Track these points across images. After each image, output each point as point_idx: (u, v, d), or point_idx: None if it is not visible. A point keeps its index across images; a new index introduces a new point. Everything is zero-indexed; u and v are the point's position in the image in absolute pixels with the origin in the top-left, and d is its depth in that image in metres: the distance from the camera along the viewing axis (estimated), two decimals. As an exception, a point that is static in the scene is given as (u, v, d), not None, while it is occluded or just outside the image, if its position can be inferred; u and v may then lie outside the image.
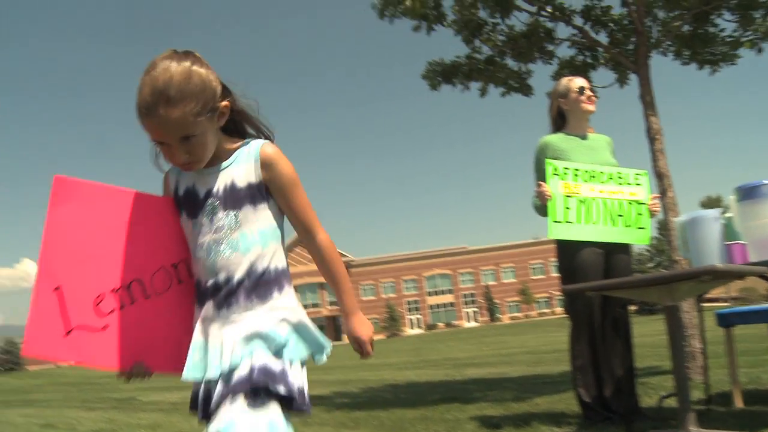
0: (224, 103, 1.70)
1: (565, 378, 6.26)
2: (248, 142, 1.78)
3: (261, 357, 1.62)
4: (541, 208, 3.69)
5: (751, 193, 2.93)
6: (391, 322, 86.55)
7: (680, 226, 3.12)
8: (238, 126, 1.81)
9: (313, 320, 1.75)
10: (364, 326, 1.81)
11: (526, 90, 6.47)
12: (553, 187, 3.63)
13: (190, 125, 1.60)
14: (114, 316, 1.72)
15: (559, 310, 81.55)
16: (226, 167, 1.74)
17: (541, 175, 3.72)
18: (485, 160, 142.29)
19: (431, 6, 6.08)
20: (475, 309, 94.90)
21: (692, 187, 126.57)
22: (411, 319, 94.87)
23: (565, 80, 4.01)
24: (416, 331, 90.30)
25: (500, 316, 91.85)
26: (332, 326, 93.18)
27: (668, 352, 2.59)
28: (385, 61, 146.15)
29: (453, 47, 6.56)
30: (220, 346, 1.64)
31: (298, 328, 1.74)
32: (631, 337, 3.81)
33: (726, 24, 6.21)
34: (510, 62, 6.42)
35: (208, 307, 1.69)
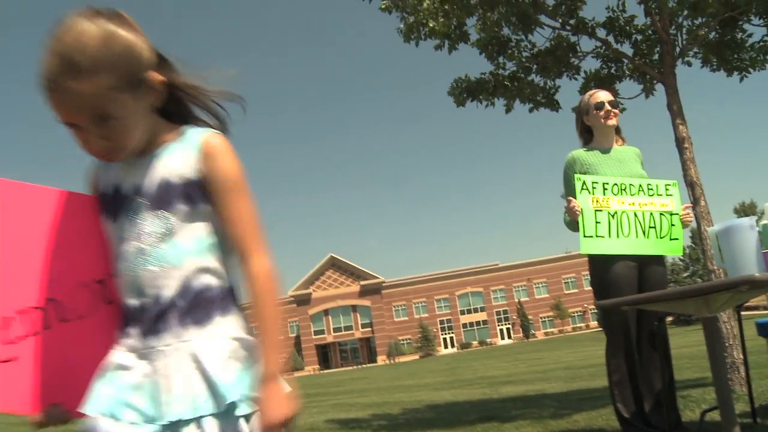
0: (157, 77, 1.35)
1: (603, 393, 6.18)
2: (190, 129, 1.44)
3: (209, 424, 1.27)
4: (572, 224, 3.67)
5: (786, 200, 2.89)
6: (425, 342, 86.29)
7: (714, 235, 3.08)
8: (182, 108, 1.46)
9: (346, 343, 1.47)
10: (277, 402, 1.29)
11: (553, 105, 6.46)
12: (582, 202, 3.61)
13: (106, 103, 1.26)
14: (24, 345, 1.35)
15: (593, 323, 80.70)
16: (159, 158, 1.39)
17: (570, 190, 3.71)
18: (514, 175, 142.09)
19: (454, 26, 6.12)
20: (509, 326, 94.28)
21: (725, 195, 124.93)
22: (445, 339, 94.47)
23: (586, 96, 4.01)
24: (450, 350, 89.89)
25: (534, 332, 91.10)
26: (366, 348, 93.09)
27: (708, 364, 2.55)
28: (409, 82, 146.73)
29: (475, 65, 6.60)
30: (149, 386, 1.30)
31: (247, 366, 1.34)
32: (669, 350, 3.76)
33: (754, 29, 6.16)
34: (536, 78, 6.43)
35: (132, 333, 1.35)
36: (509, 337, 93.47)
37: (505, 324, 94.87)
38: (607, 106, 3.90)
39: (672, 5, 5.79)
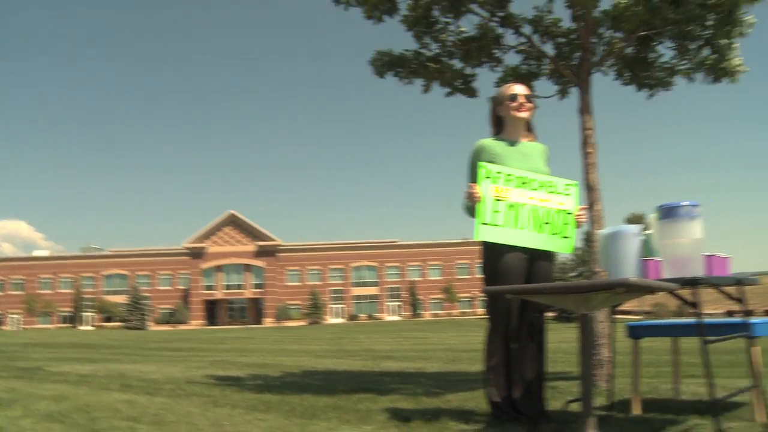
0: None
1: (479, 377, 6.39)
2: None
3: None
4: (471, 210, 3.77)
5: (670, 213, 3.07)
6: (314, 309, 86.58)
7: (602, 238, 3.24)
8: None
9: (235, 302, 1.50)
10: None
11: (470, 92, 6.55)
12: (483, 189, 3.71)
13: None
14: None
15: (480, 310, 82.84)
16: None
17: (474, 176, 3.80)
18: (424, 156, 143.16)
19: (386, -2, 6.11)
20: (399, 303, 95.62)
21: (621, 203, 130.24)
22: (334, 308, 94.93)
23: (503, 87, 4.10)
24: (338, 320, 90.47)
25: (422, 312, 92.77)
26: (254, 309, 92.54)
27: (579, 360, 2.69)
28: (328, 48, 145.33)
29: (401, 40, 6.60)
30: None
31: None
32: (544, 342, 3.93)
33: (665, 51, 6.43)
34: (457, 63, 6.50)
35: None
36: (398, 314, 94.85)
37: (396, 301, 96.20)
38: (521, 99, 4.00)
39: (596, 15, 5.97)
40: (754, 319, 3.77)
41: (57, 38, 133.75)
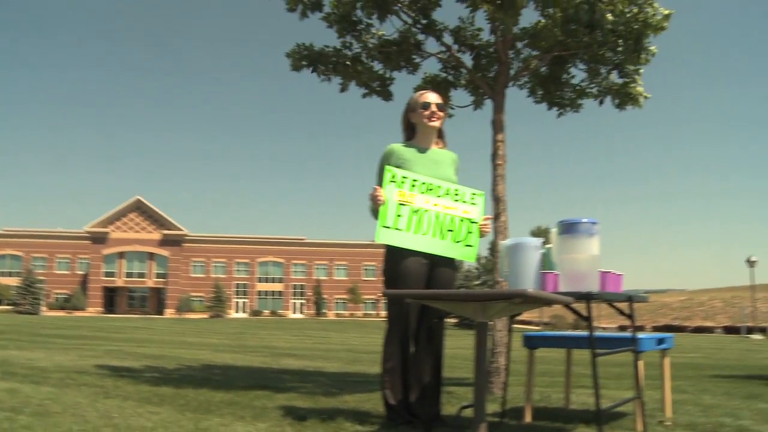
0: None
1: (377, 379, 6.43)
2: None
3: None
4: (374, 212, 3.79)
5: (569, 229, 3.17)
6: (217, 302, 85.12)
7: (504, 249, 3.32)
8: None
9: (136, 290, 1.49)
10: None
11: (386, 95, 6.58)
12: (388, 193, 3.75)
13: None
14: None
15: (384, 313, 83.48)
16: None
17: (381, 180, 3.83)
18: (336, 155, 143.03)
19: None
20: (303, 301, 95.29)
21: (527, 216, 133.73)
22: (237, 303, 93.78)
23: (416, 94, 4.14)
24: (241, 315, 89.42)
25: (327, 311, 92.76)
26: (156, 299, 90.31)
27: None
28: (249, 37, 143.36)
29: (321, 36, 6.56)
30: None
31: None
32: (442, 348, 3.98)
33: (578, 72, 6.65)
34: (376, 65, 6.52)
35: None
36: (302, 312, 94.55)
37: (300, 299, 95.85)
38: (433, 108, 4.05)
39: (515, 32, 6.11)
40: (640, 335, 3.94)
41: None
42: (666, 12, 5.81)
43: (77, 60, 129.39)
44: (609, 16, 5.74)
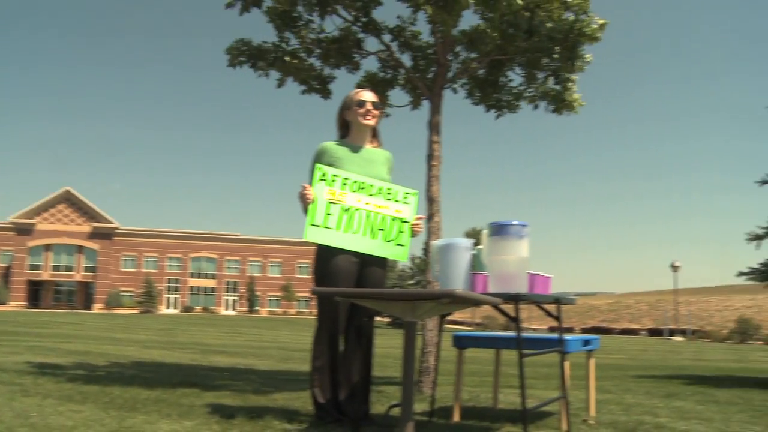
0: None
1: (307, 377, 6.41)
2: None
3: None
4: (305, 210, 3.78)
5: (500, 230, 3.21)
6: (148, 298, 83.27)
7: (435, 249, 3.35)
8: None
9: (63, 284, 1.40)
10: None
11: (325, 93, 6.56)
12: (317, 191, 3.73)
13: None
14: None
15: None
16: None
17: (313, 177, 3.82)
18: (271, 151, 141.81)
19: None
20: (236, 298, 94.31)
21: (462, 217, 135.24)
22: (169, 298, 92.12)
23: (352, 92, 4.13)
24: (172, 310, 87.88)
25: (259, 308, 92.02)
26: (83, 293, 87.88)
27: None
28: (188, 30, 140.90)
29: (258, 31, 6.48)
30: None
31: None
32: (372, 347, 3.99)
33: (515, 77, 6.75)
34: (315, 62, 6.48)
35: None
36: (234, 308, 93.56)
37: (233, 295, 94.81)
38: (368, 106, 4.05)
39: (455, 34, 6.16)
40: (567, 336, 4.02)
41: None
42: (601, 22, 5.95)
43: (5, 49, 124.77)
44: (548, 24, 5.84)
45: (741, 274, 10.46)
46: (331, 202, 3.77)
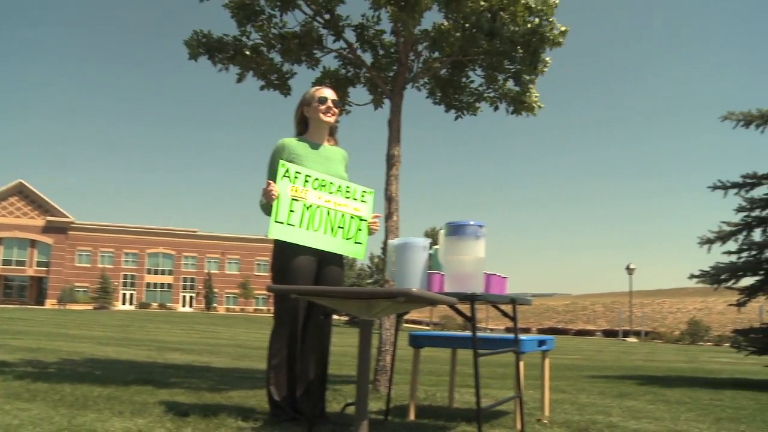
0: None
1: (264, 375, 6.37)
2: None
3: None
4: (266, 207, 3.75)
5: (456, 230, 3.23)
6: (103, 294, 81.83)
7: (392, 248, 3.35)
8: None
9: (14, 279, 1.35)
10: None
11: (285, 89, 6.51)
12: (281, 188, 3.71)
13: None
14: None
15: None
16: None
17: (273, 174, 3.79)
18: (231, 147, 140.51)
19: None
20: (193, 294, 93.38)
21: (421, 217, 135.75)
22: (125, 294, 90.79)
23: (312, 89, 4.12)
24: (128, 307, 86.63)
25: (217, 305, 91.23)
26: (36, 288, 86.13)
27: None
28: (145, 23, 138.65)
29: (219, 25, 6.41)
30: None
31: None
32: (328, 345, 3.98)
33: (476, 78, 6.79)
34: (276, 57, 6.44)
35: None
36: (191, 305, 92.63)
37: (190, 292, 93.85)
38: (329, 103, 4.04)
39: (417, 33, 6.18)
40: (523, 336, 4.06)
41: None
42: (563, 29, 6.01)
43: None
44: (511, 27, 5.88)
45: (692, 276, 10.68)
46: (294, 199, 3.75)
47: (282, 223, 3.69)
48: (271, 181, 3.72)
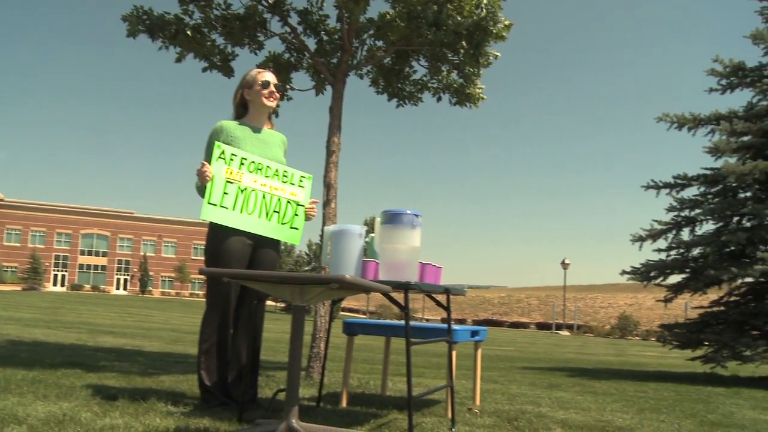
0: None
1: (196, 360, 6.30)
2: None
3: None
4: (201, 189, 3.70)
5: (392, 219, 3.24)
6: (33, 274, 79.59)
7: (328, 234, 3.35)
8: None
9: None
10: None
11: (227, 71, 6.40)
12: (215, 169, 3.67)
13: None
14: None
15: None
16: None
17: (209, 156, 3.74)
18: (169, 128, 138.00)
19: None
20: (128, 277, 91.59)
21: (361, 205, 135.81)
22: (56, 275, 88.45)
23: (253, 72, 4.06)
24: (59, 288, 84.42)
25: (152, 289, 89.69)
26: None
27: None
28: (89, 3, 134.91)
29: (161, 3, 6.25)
30: None
31: None
32: (261, 331, 3.95)
33: (419, 68, 6.81)
34: (218, 38, 6.32)
35: None
36: (125, 288, 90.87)
37: (125, 274, 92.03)
38: (272, 87, 4.00)
39: (362, 21, 6.15)
40: (455, 326, 4.10)
41: None
42: (507, 23, 6.06)
43: None
44: (458, 17, 5.91)
45: (624, 273, 10.97)
46: (228, 182, 3.70)
47: (215, 205, 3.65)
48: (205, 162, 3.67)
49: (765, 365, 9.10)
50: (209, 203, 3.64)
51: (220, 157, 3.70)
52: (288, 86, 6.66)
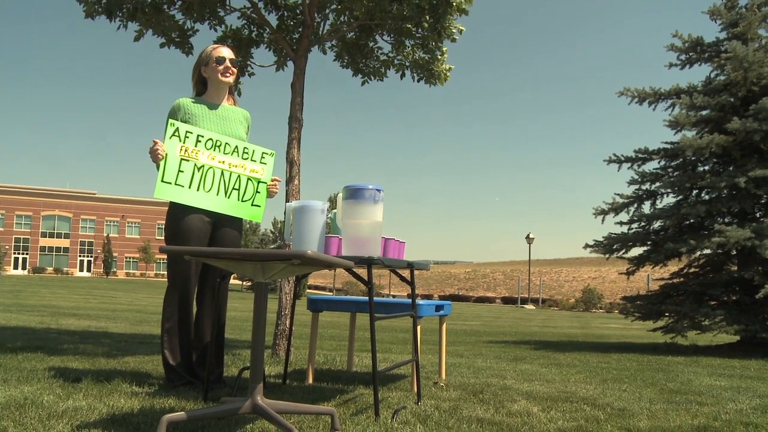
0: None
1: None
2: None
3: None
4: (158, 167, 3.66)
5: (354, 194, 3.23)
6: (-7, 258, 78.15)
7: (289, 210, 3.34)
8: None
9: None
10: None
11: (187, 48, 6.30)
12: (169, 147, 3.63)
13: None
14: None
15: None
16: None
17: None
18: (129, 107, 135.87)
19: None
20: (91, 259, 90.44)
21: (329, 180, 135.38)
22: (17, 258, 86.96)
23: (209, 48, 4.00)
24: (20, 272, 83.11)
25: (116, 270, 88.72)
26: None
27: (268, 329, 2.72)
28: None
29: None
30: None
31: None
32: (225, 308, 3.94)
33: (384, 44, 6.77)
34: (177, 14, 6.20)
35: None
36: (89, 270, 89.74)
37: (88, 256, 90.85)
38: (228, 63, 3.94)
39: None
40: (420, 301, 4.13)
41: None
42: (469, -6, 6.03)
43: None
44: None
45: (587, 246, 11.11)
46: (183, 159, 3.66)
47: (169, 183, 3.62)
48: (157, 140, 3.62)
49: (722, 334, 9.32)
50: (162, 181, 3.61)
51: (174, 135, 3.66)
52: (249, 62, 6.57)
